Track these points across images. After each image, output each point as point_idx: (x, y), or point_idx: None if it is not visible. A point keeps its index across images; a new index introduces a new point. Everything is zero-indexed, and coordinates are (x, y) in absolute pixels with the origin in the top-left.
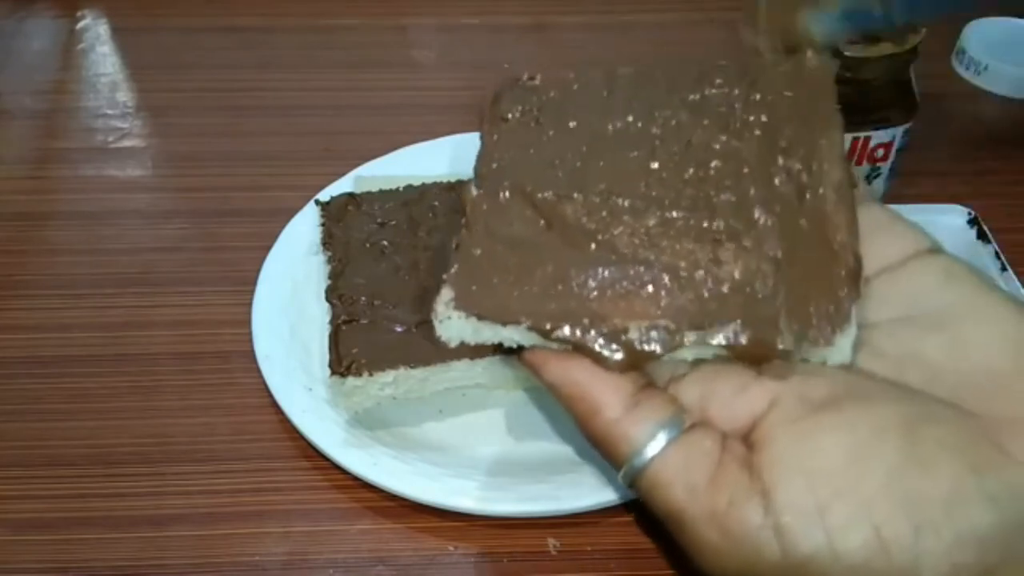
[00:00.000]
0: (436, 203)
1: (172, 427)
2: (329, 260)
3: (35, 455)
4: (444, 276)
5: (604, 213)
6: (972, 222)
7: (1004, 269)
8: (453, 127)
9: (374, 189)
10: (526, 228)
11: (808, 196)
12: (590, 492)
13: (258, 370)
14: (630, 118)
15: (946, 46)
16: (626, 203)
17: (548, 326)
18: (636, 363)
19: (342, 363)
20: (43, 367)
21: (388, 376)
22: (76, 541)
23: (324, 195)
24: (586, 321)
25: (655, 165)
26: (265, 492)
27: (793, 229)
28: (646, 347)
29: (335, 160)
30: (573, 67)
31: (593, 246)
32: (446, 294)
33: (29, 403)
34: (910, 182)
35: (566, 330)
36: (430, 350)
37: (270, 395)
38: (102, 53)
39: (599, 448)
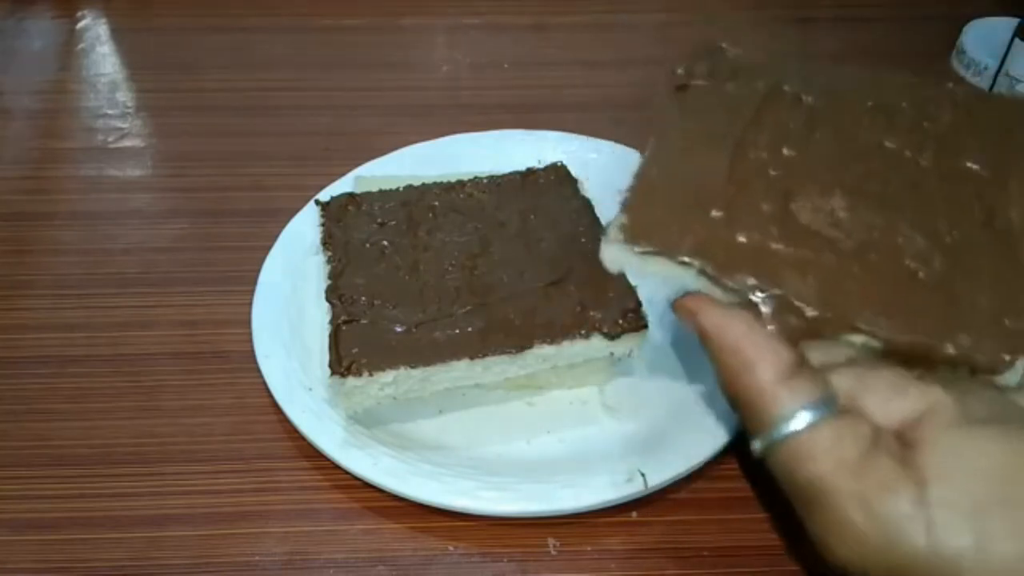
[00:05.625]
0: (436, 203)
1: (172, 427)
2: (329, 260)
3: (35, 455)
4: (621, 199)
5: (796, 181)
6: None
7: None
8: (453, 127)
9: (374, 189)
10: (716, 173)
11: (999, 220)
12: (590, 492)
13: (258, 370)
14: (824, 103)
15: (946, 46)
16: (817, 178)
17: (723, 273)
18: (803, 335)
19: (342, 363)
20: (44, 367)
21: (388, 376)
22: (76, 541)
23: (324, 195)
24: (761, 280)
25: (850, 155)
26: (265, 492)
27: (982, 247)
28: (818, 322)
29: (335, 160)
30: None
31: (779, 208)
32: (620, 218)
33: (29, 403)
34: None
35: (740, 282)
36: (430, 350)
37: (270, 395)
38: (102, 53)
39: (742, 405)
